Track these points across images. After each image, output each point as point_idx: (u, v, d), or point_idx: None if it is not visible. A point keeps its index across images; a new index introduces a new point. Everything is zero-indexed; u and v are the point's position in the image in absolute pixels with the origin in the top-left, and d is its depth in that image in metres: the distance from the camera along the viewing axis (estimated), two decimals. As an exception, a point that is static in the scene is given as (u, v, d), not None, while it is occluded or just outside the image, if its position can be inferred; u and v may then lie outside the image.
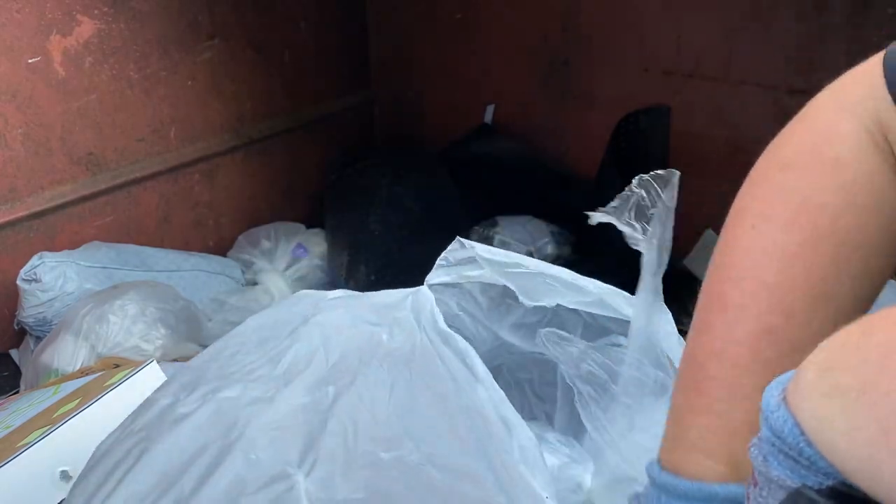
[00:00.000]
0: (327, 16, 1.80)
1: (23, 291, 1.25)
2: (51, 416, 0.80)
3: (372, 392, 0.55)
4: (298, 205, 1.81)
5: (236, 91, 1.62)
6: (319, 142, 1.84)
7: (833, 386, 0.31)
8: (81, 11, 1.31)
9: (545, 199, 1.72)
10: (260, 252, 1.57)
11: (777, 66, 1.41)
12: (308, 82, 1.78)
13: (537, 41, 1.70)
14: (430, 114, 1.92)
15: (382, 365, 0.57)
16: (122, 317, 1.17)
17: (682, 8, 1.50)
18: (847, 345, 0.32)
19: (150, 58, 1.44)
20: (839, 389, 0.30)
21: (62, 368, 1.12)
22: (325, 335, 0.61)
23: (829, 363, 0.32)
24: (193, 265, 1.46)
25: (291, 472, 0.51)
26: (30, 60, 1.27)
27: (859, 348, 0.31)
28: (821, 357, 0.33)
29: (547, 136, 1.76)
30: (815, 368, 0.33)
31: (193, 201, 1.58)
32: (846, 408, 0.30)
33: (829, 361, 0.32)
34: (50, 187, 1.34)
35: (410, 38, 1.88)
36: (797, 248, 0.47)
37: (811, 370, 0.33)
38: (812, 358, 0.33)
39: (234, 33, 1.58)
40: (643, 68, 1.57)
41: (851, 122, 0.48)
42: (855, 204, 0.47)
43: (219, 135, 1.60)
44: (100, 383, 0.84)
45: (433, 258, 0.70)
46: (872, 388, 0.29)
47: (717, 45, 1.47)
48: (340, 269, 1.47)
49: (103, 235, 1.42)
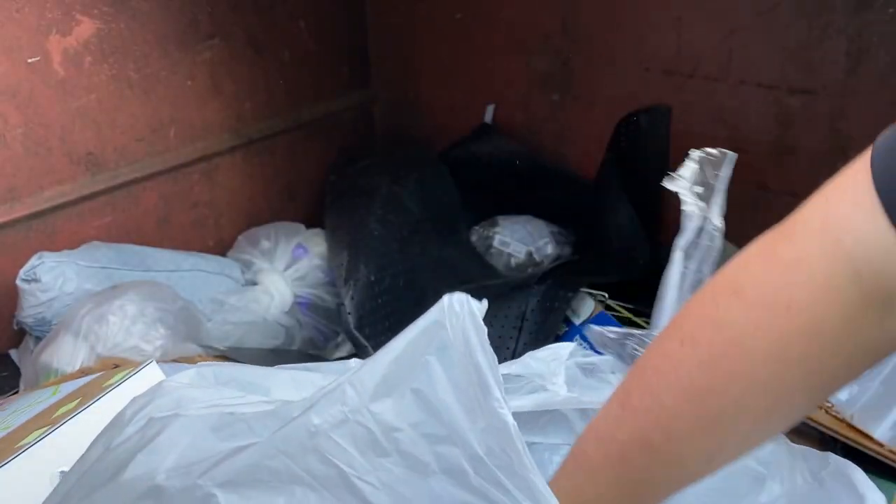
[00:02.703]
0: (327, 16, 1.80)
1: (22, 291, 1.25)
2: (50, 416, 0.80)
3: None
4: (298, 205, 1.80)
5: (236, 91, 1.62)
6: (319, 142, 1.84)
7: None
8: (81, 11, 1.31)
9: (545, 199, 1.72)
10: (260, 252, 1.57)
11: (777, 66, 1.41)
12: (308, 82, 1.78)
13: (537, 41, 1.69)
14: (430, 114, 1.92)
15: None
16: (121, 317, 1.17)
17: (682, 8, 1.50)
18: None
19: (150, 57, 1.44)
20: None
21: (61, 369, 1.12)
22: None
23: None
24: (193, 265, 1.46)
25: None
26: (29, 60, 1.26)
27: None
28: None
29: (547, 136, 1.76)
30: None
31: (193, 201, 1.58)
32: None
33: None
34: (49, 187, 1.33)
35: (410, 38, 1.88)
36: (705, 388, 0.48)
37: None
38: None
39: (234, 33, 1.58)
40: (643, 68, 1.57)
41: (829, 251, 0.45)
42: (785, 356, 0.46)
43: (218, 134, 1.60)
44: (99, 384, 0.84)
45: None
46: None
47: (718, 45, 1.47)
48: (340, 269, 1.47)
49: (103, 235, 1.41)
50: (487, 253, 1.61)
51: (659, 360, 0.51)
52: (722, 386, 0.48)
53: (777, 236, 0.48)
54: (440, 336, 0.49)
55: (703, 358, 0.48)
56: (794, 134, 1.43)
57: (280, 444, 0.51)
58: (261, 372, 0.65)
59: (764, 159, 1.45)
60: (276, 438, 0.51)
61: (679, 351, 0.49)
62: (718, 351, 0.48)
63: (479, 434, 0.48)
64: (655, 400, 0.50)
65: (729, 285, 0.49)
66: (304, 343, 1.51)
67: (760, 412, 0.48)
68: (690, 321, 0.51)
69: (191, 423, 0.56)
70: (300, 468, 0.50)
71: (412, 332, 0.50)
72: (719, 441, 0.50)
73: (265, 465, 0.51)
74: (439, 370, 0.49)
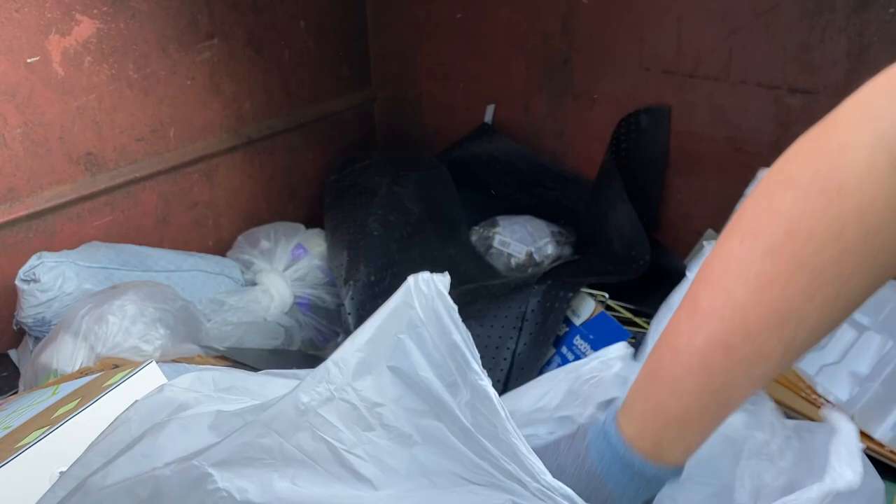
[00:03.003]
0: (327, 16, 1.80)
1: (21, 291, 1.25)
2: (50, 416, 0.80)
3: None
4: (298, 205, 1.80)
5: (236, 91, 1.62)
6: (319, 142, 1.84)
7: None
8: (80, 11, 1.31)
9: (545, 199, 1.72)
10: (259, 252, 1.57)
11: (778, 65, 1.41)
12: (308, 82, 1.78)
13: (537, 41, 1.69)
14: (430, 114, 1.92)
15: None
16: (121, 317, 1.16)
17: (682, 8, 1.50)
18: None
19: (150, 57, 1.44)
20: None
21: (61, 369, 1.12)
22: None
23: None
24: (192, 265, 1.46)
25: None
26: (29, 60, 1.26)
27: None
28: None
29: (547, 136, 1.76)
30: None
31: (192, 201, 1.58)
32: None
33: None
34: (49, 187, 1.33)
35: (410, 38, 1.88)
36: (773, 276, 0.49)
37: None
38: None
39: (234, 33, 1.58)
40: (643, 68, 1.57)
41: (869, 141, 0.48)
42: (843, 239, 0.48)
43: (218, 135, 1.60)
44: (99, 384, 0.84)
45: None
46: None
47: (718, 44, 1.47)
48: (340, 269, 1.47)
49: (102, 235, 1.41)
50: (487, 253, 1.61)
51: (723, 261, 0.52)
52: (788, 274, 0.49)
53: (820, 129, 0.51)
54: (409, 315, 0.52)
55: (765, 249, 0.49)
56: (794, 134, 1.42)
57: (271, 423, 0.52)
58: (257, 379, 0.66)
59: (764, 159, 1.45)
60: (267, 417, 0.53)
61: (741, 247, 0.51)
62: (779, 240, 0.49)
63: (463, 407, 0.51)
64: (727, 298, 0.50)
65: (781, 177, 0.52)
66: (304, 343, 1.51)
67: (829, 296, 0.49)
68: (747, 218, 0.52)
69: (189, 423, 0.57)
70: (291, 444, 0.52)
71: (383, 313, 0.53)
72: (794, 330, 0.50)
73: (257, 443, 0.52)
74: (413, 347, 0.52)
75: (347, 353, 0.53)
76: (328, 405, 0.52)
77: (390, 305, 0.53)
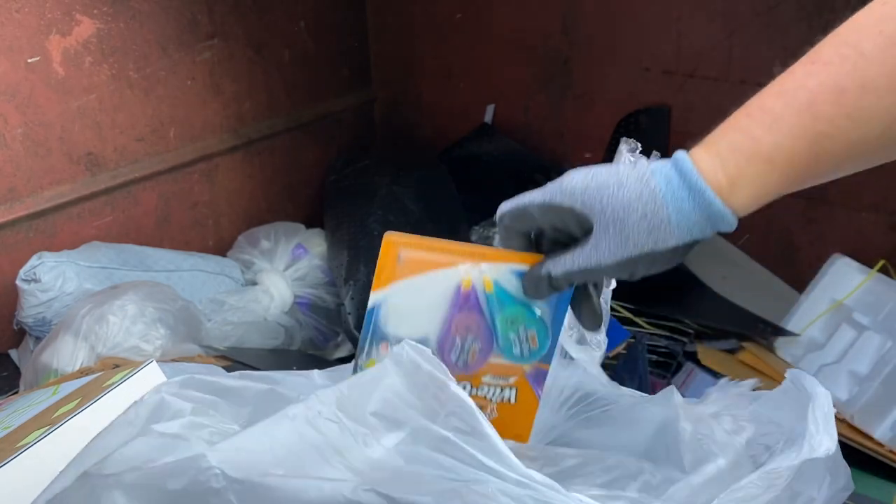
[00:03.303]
0: (327, 16, 1.80)
1: (22, 291, 1.25)
2: (50, 416, 0.80)
3: None
4: (298, 205, 1.81)
5: (236, 91, 1.62)
6: (319, 142, 1.84)
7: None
8: (81, 11, 1.31)
9: (545, 199, 1.71)
10: (259, 252, 1.57)
11: (777, 66, 1.40)
12: (308, 82, 1.78)
13: (537, 41, 1.70)
14: (430, 114, 1.92)
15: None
16: (121, 317, 1.16)
17: (682, 8, 1.50)
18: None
19: (150, 57, 1.44)
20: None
21: (61, 369, 1.12)
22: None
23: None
24: (193, 265, 1.46)
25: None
26: (29, 60, 1.26)
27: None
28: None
29: (547, 136, 1.76)
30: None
31: (193, 201, 1.58)
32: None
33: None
34: (49, 187, 1.33)
35: (410, 38, 1.88)
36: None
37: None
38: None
39: (234, 33, 1.58)
40: (643, 68, 1.57)
41: None
42: None
43: (218, 134, 1.60)
44: (99, 384, 0.84)
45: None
46: None
47: (718, 44, 1.47)
48: (340, 269, 1.47)
49: (103, 235, 1.41)
50: (487, 253, 1.61)
51: (859, 19, 0.52)
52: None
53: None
54: (388, 380, 0.55)
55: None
56: (794, 134, 1.43)
57: (265, 429, 0.54)
58: (238, 382, 0.67)
59: (764, 159, 1.45)
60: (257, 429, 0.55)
61: (883, 6, 0.51)
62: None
63: (442, 421, 0.53)
64: (853, 50, 0.51)
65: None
66: (304, 343, 1.51)
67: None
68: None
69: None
70: (283, 448, 0.53)
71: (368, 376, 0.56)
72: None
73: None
74: (394, 399, 0.55)
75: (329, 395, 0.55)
76: (318, 420, 0.54)
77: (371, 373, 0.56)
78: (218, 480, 0.52)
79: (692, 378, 1.37)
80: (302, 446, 0.53)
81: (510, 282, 0.62)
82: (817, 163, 0.52)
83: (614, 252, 0.54)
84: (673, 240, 0.53)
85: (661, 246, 0.53)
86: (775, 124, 0.53)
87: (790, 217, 1.53)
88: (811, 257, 1.51)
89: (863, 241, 1.48)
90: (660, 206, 0.53)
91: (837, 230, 1.50)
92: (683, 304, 1.52)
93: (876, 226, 1.47)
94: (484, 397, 0.65)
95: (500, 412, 0.65)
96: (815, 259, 1.48)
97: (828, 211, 1.50)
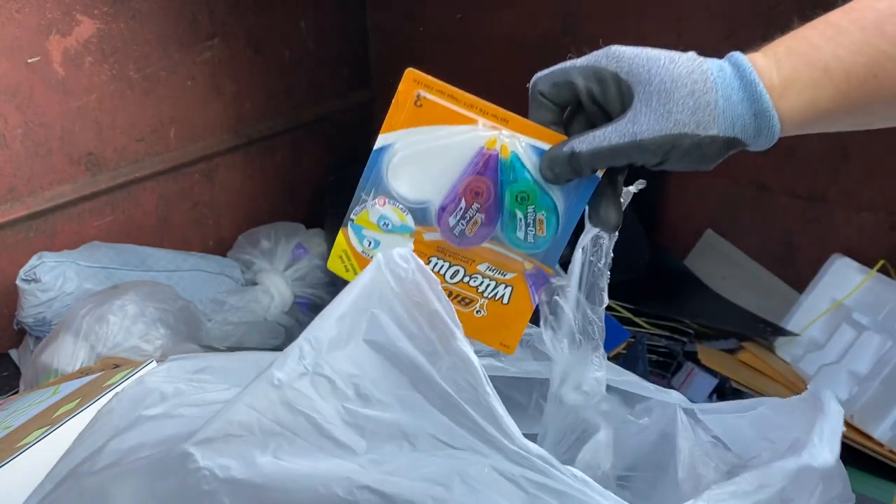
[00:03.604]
0: (327, 16, 1.80)
1: (22, 291, 1.25)
2: (50, 416, 0.80)
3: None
4: (298, 205, 1.81)
5: (236, 91, 1.62)
6: (319, 142, 1.84)
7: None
8: (81, 11, 1.31)
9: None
10: (260, 252, 1.57)
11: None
12: (308, 82, 1.78)
13: (537, 41, 1.70)
14: (430, 114, 1.92)
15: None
16: (121, 317, 1.17)
17: (682, 8, 1.50)
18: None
19: (150, 58, 1.44)
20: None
21: (62, 368, 1.12)
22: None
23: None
24: (193, 265, 1.46)
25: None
26: (29, 60, 1.26)
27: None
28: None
29: (547, 136, 1.76)
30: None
31: (193, 201, 1.58)
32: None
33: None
34: (49, 187, 1.34)
35: (410, 38, 1.88)
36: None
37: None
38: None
39: (234, 33, 1.58)
40: (643, 68, 1.57)
41: None
42: None
43: (218, 135, 1.60)
44: (99, 383, 0.84)
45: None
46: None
47: (718, 45, 1.47)
48: (340, 269, 1.47)
49: (103, 235, 1.42)
50: (487, 253, 1.61)
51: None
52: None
53: None
54: (381, 290, 0.52)
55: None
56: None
57: (247, 400, 0.53)
58: (231, 359, 0.66)
59: (764, 159, 1.45)
60: (244, 396, 0.53)
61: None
62: None
63: (444, 373, 0.51)
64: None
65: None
66: (304, 343, 1.51)
67: None
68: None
69: (179, 423, 0.57)
70: (269, 419, 0.52)
71: (353, 291, 0.53)
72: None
73: (236, 420, 0.52)
74: (388, 321, 0.53)
75: (319, 331, 0.53)
76: (303, 380, 0.52)
77: (360, 283, 0.53)
78: (208, 482, 0.51)
79: (692, 378, 1.37)
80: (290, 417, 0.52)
81: (530, 158, 0.57)
82: (873, 84, 0.51)
83: (653, 126, 0.51)
84: (715, 127, 0.52)
85: (702, 131, 0.51)
86: (838, 36, 0.52)
87: (790, 217, 1.53)
88: (811, 257, 1.51)
89: (863, 241, 1.48)
90: (709, 88, 0.52)
91: (837, 230, 1.50)
92: (683, 304, 1.52)
93: (876, 226, 1.47)
94: (475, 289, 0.60)
95: (489, 311, 0.61)
96: (815, 259, 1.48)
97: (828, 211, 1.50)
